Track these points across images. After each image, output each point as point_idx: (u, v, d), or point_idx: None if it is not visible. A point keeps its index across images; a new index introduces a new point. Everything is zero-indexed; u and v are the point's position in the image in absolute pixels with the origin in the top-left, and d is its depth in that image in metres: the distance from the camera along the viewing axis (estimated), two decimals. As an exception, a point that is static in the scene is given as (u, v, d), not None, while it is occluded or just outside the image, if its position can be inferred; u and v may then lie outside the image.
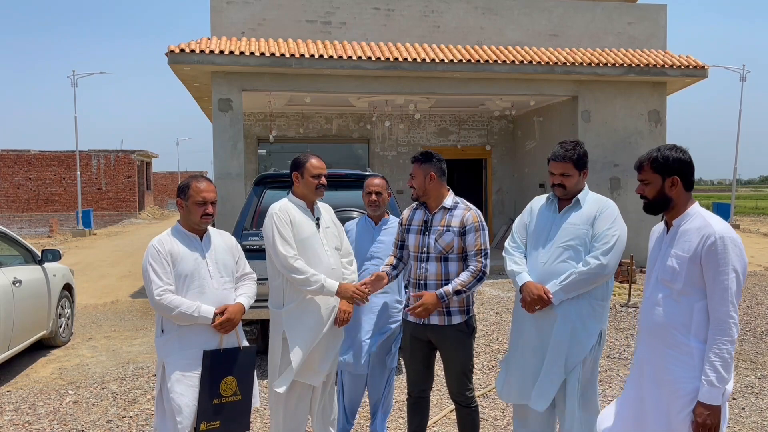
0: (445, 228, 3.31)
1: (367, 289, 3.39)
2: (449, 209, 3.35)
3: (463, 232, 3.29)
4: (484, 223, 3.34)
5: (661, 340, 2.47)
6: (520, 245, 3.24)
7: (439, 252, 3.30)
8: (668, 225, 2.57)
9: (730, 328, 2.33)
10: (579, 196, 3.13)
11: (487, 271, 3.29)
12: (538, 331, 3.10)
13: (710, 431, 2.32)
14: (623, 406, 2.66)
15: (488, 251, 3.31)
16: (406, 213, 3.56)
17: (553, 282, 3.02)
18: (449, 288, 3.22)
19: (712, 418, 2.31)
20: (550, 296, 3.00)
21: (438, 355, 3.50)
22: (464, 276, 3.24)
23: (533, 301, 3.02)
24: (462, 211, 3.34)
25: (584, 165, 3.14)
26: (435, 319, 3.33)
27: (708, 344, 2.35)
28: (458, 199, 3.43)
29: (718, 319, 2.34)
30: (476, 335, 3.50)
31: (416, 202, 3.50)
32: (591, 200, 3.14)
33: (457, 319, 3.31)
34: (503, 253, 3.30)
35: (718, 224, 2.41)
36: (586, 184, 3.22)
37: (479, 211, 3.38)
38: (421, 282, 3.35)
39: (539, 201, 3.30)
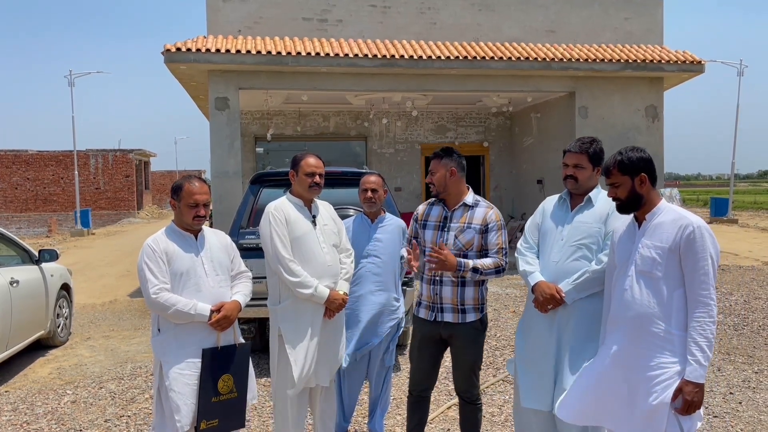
0: (466, 225, 3.31)
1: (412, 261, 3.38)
2: (470, 206, 3.36)
3: (485, 230, 3.30)
4: (504, 223, 3.37)
5: (642, 329, 2.57)
6: (532, 246, 3.22)
7: (459, 249, 3.29)
8: (639, 220, 2.70)
9: (713, 309, 2.49)
10: (591, 194, 3.11)
11: (506, 267, 3.31)
12: (551, 331, 3.06)
13: (696, 408, 2.48)
14: (587, 395, 2.70)
15: (507, 250, 3.33)
16: (421, 208, 3.54)
17: (566, 281, 3.00)
18: (469, 261, 3.23)
19: (699, 395, 2.47)
20: (563, 295, 2.98)
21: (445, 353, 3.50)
22: (486, 260, 3.27)
23: (546, 300, 3.00)
24: (484, 209, 3.35)
25: (599, 161, 3.11)
26: (449, 317, 3.33)
27: (691, 325, 2.50)
28: (478, 197, 3.44)
29: (701, 301, 2.49)
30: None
31: (433, 198, 3.48)
32: (603, 198, 3.11)
33: (471, 317, 3.32)
34: (516, 254, 3.27)
35: (692, 215, 2.59)
36: (599, 184, 3.19)
37: (499, 211, 3.41)
38: (437, 278, 3.35)
39: (551, 201, 3.28)
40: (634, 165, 2.65)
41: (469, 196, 3.39)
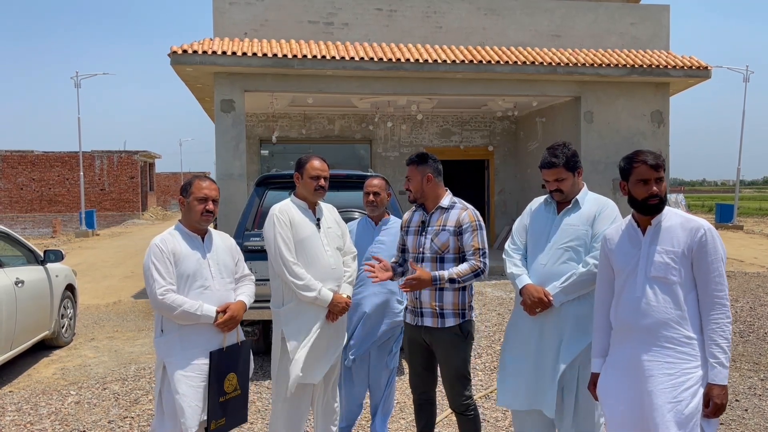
0: (441, 227, 3.28)
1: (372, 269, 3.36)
2: (446, 209, 3.32)
3: (459, 232, 3.24)
4: (482, 223, 3.29)
5: (661, 335, 2.51)
6: (519, 247, 3.22)
7: (434, 252, 3.27)
8: (642, 225, 2.63)
9: (728, 309, 2.49)
10: (578, 196, 3.11)
11: (486, 270, 3.23)
12: (539, 333, 3.08)
13: (723, 410, 2.47)
14: (618, 410, 2.61)
15: (486, 251, 3.24)
16: (406, 215, 3.55)
17: (553, 284, 3.01)
18: (444, 273, 3.18)
19: (726, 397, 2.46)
20: (551, 298, 2.98)
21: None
22: (462, 267, 3.19)
23: (534, 303, 3.00)
24: (458, 210, 3.29)
25: (575, 165, 3.09)
26: (428, 321, 3.30)
27: (709, 327, 2.48)
28: (456, 198, 3.39)
29: (717, 302, 2.48)
30: (478, 336, 3.46)
31: (415, 204, 3.48)
32: (590, 200, 3.13)
33: (450, 322, 3.26)
34: (503, 255, 3.27)
35: (698, 218, 2.58)
36: (584, 184, 3.19)
37: (477, 212, 3.34)
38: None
39: (538, 202, 3.28)
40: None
41: (446, 199, 3.35)
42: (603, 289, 2.78)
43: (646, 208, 2.57)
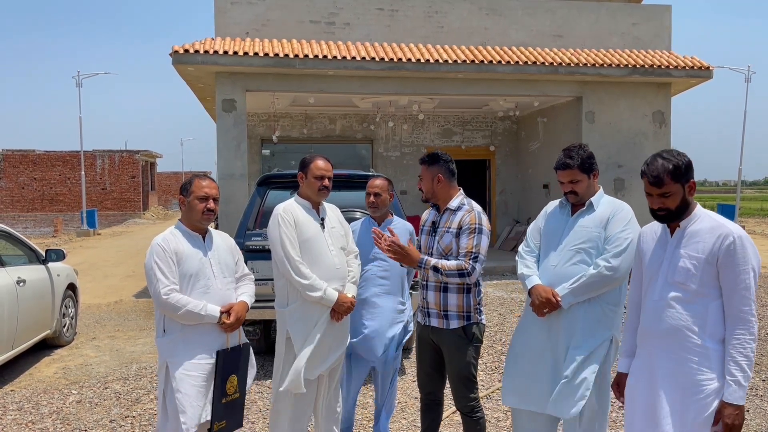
0: (446, 229, 3.29)
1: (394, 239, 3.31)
2: (454, 210, 3.32)
3: (458, 234, 3.24)
4: (483, 227, 3.24)
5: (676, 343, 2.42)
6: (533, 249, 3.20)
7: (439, 253, 3.28)
8: (671, 227, 2.52)
9: (753, 326, 2.33)
10: (593, 199, 3.08)
11: (474, 274, 3.17)
12: (546, 335, 3.05)
13: (738, 431, 2.32)
14: (634, 416, 2.58)
15: (480, 256, 3.19)
16: (424, 215, 3.56)
17: (563, 285, 2.97)
18: (431, 259, 3.21)
19: (740, 418, 2.31)
20: (559, 299, 2.94)
21: None
22: (450, 262, 3.19)
23: (542, 304, 2.97)
24: (463, 212, 3.29)
25: (591, 167, 3.07)
26: (435, 321, 3.32)
27: (731, 343, 2.33)
28: (466, 200, 3.36)
29: (741, 318, 2.34)
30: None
31: (431, 204, 3.48)
32: (605, 203, 3.09)
33: (454, 324, 3.27)
34: (516, 257, 3.25)
35: (731, 224, 2.42)
36: (600, 187, 3.16)
37: (483, 215, 3.29)
38: (423, 282, 3.36)
39: (553, 204, 3.26)
40: (685, 171, 2.41)
41: (455, 200, 3.33)
42: (636, 287, 2.69)
43: (656, 217, 2.49)
